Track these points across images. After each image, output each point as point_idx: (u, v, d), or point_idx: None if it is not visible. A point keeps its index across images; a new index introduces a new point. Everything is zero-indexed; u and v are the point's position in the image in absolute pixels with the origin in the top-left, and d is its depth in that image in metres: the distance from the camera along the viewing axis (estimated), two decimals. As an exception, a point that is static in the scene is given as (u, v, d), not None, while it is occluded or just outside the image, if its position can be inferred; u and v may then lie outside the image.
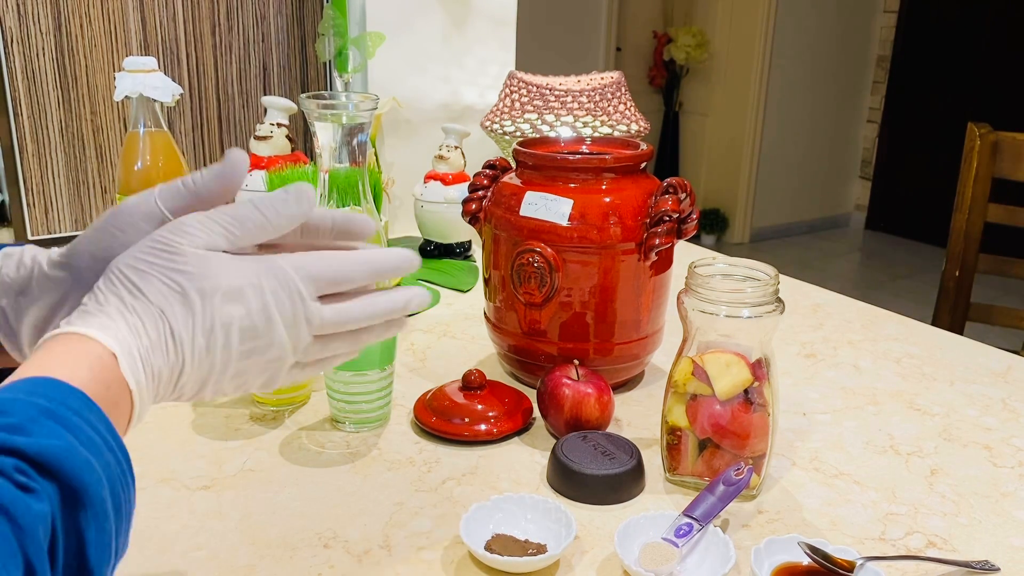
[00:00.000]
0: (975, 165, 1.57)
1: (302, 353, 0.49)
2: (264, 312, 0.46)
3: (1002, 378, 1.01)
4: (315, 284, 0.47)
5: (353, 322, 0.49)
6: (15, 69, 1.34)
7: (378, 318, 0.51)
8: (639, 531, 0.66)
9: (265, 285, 0.46)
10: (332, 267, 0.48)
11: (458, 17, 1.54)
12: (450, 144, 1.36)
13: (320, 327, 0.48)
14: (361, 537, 0.68)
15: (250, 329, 0.46)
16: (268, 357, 0.47)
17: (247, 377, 0.48)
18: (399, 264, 0.52)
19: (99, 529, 0.37)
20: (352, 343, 0.51)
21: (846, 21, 4.98)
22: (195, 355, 0.44)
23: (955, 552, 0.68)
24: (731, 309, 0.71)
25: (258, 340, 0.46)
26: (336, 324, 0.49)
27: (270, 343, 0.46)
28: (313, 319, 0.47)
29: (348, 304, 0.49)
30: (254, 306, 0.45)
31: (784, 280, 1.20)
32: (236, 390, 0.48)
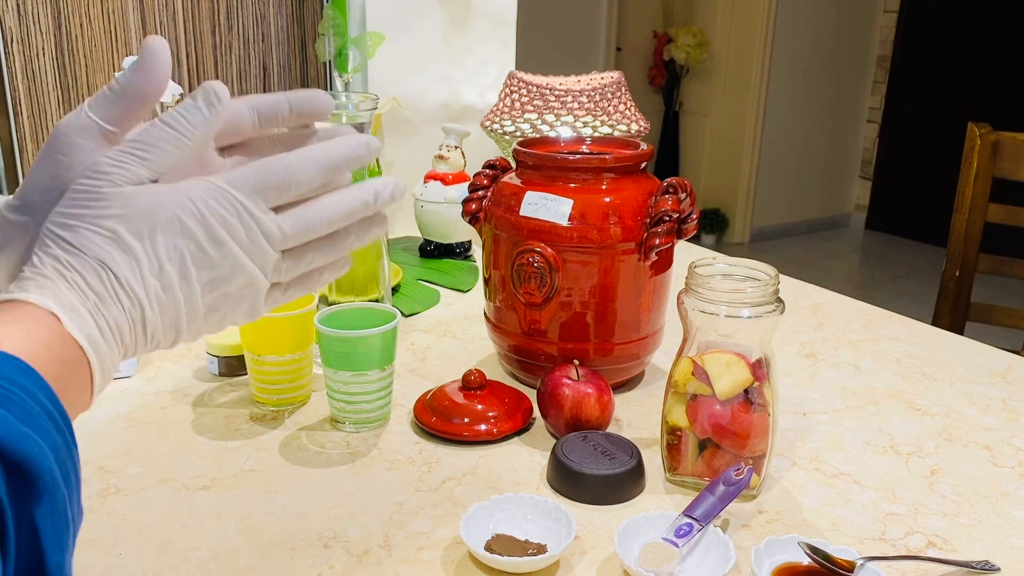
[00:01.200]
0: (975, 165, 1.57)
1: (275, 272, 0.45)
2: (211, 237, 0.43)
3: (1002, 378, 1.01)
4: (261, 195, 0.44)
5: (318, 226, 0.46)
6: (15, 69, 1.34)
7: (347, 217, 0.47)
8: (639, 531, 0.66)
9: (203, 208, 0.42)
10: (275, 172, 0.44)
11: (458, 17, 1.54)
12: (450, 144, 1.36)
13: (283, 240, 0.45)
14: (361, 537, 0.68)
15: (202, 258, 0.42)
16: (237, 284, 0.44)
17: (224, 311, 0.45)
18: (354, 151, 0.47)
19: (51, 501, 0.36)
20: (330, 251, 0.48)
21: (846, 21, 4.98)
22: (152, 299, 0.42)
23: (955, 552, 0.68)
24: (731, 309, 0.70)
25: (216, 268, 0.43)
26: (300, 233, 0.45)
27: (233, 269, 0.43)
28: (271, 233, 0.44)
29: (307, 209, 0.45)
30: (199, 233, 0.42)
31: (784, 280, 1.20)
32: (219, 325, 0.46)
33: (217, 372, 0.94)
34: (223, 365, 0.94)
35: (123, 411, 0.87)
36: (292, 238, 0.45)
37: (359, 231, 0.48)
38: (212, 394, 0.91)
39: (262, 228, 0.44)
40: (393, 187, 0.48)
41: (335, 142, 0.46)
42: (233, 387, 0.92)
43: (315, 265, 0.47)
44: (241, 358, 0.92)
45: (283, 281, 0.47)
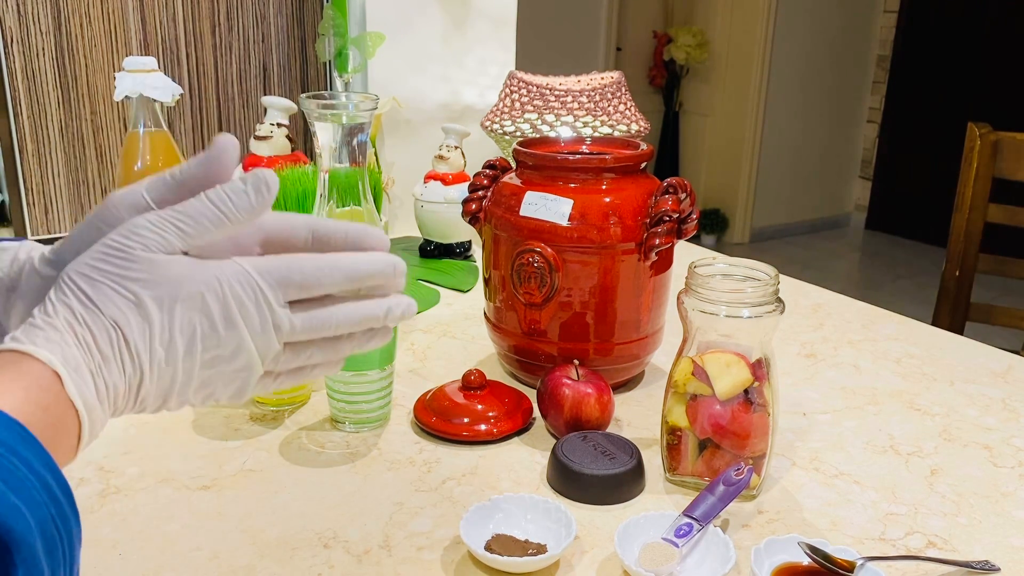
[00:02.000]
0: (975, 165, 1.57)
1: (272, 362, 0.46)
2: (227, 319, 0.43)
3: (1002, 378, 1.01)
4: (282, 289, 0.44)
5: (327, 329, 0.46)
6: (15, 69, 1.34)
7: (356, 325, 0.47)
8: (639, 531, 0.66)
9: (227, 290, 0.43)
10: (301, 271, 0.45)
11: (458, 17, 1.54)
12: (450, 144, 1.36)
13: (291, 334, 0.45)
14: (361, 537, 0.68)
15: (211, 336, 0.43)
16: (235, 367, 0.44)
17: (214, 387, 0.45)
18: (379, 269, 0.47)
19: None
20: (329, 352, 0.48)
21: (846, 21, 4.98)
22: (154, 367, 0.42)
23: (955, 552, 0.68)
24: (731, 309, 0.70)
25: (221, 349, 0.43)
26: (308, 331, 0.46)
27: (236, 351, 0.44)
28: (282, 326, 0.44)
29: (321, 311, 0.46)
30: (215, 313, 0.42)
31: (784, 280, 1.20)
32: (203, 401, 0.46)
33: (217, 372, 0.94)
34: (223, 365, 0.94)
35: (123, 411, 0.87)
36: (299, 334, 0.45)
37: (361, 339, 0.49)
38: (212, 394, 0.91)
39: (275, 319, 0.44)
40: (405, 308, 0.49)
41: (365, 256, 0.47)
42: (233, 387, 0.92)
43: (312, 361, 0.48)
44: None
45: (276, 370, 0.47)
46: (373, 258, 0.47)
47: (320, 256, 0.46)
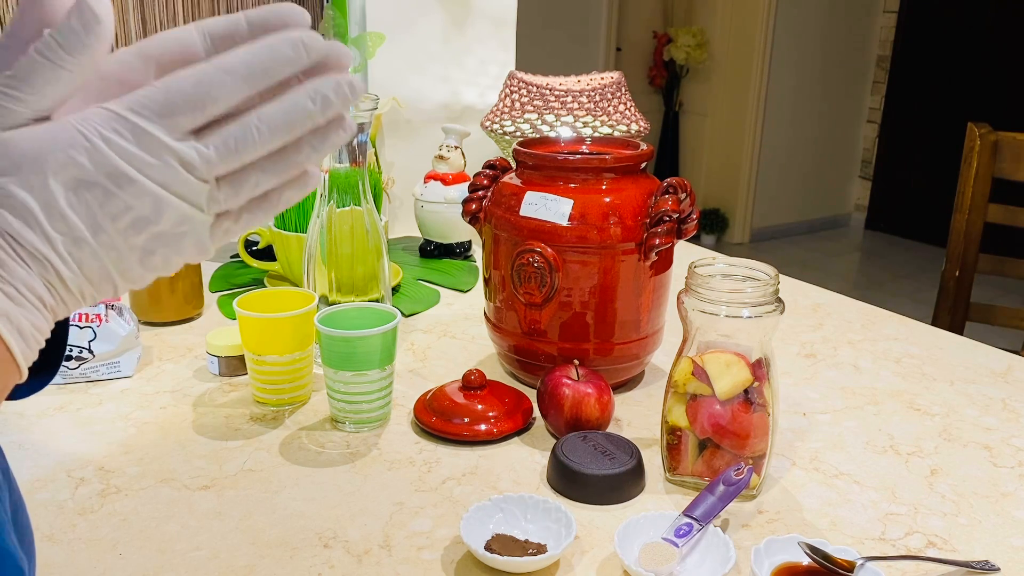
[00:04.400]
0: (975, 165, 1.57)
1: (212, 203, 0.38)
2: (116, 176, 0.36)
3: (1002, 378, 1.01)
4: (171, 118, 0.36)
5: (251, 146, 0.38)
6: (15, 69, 1.34)
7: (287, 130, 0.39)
8: (639, 531, 0.66)
9: (100, 144, 0.36)
10: (182, 90, 0.36)
11: (458, 17, 1.54)
12: (450, 144, 1.36)
13: (209, 168, 0.37)
14: (361, 537, 0.68)
15: (113, 201, 0.36)
16: (168, 223, 0.38)
17: (165, 252, 0.39)
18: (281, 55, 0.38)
19: None
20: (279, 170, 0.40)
21: (846, 21, 4.98)
22: (62, 254, 0.36)
23: (955, 552, 0.68)
24: (731, 309, 0.71)
25: (136, 210, 0.37)
26: (230, 157, 0.38)
27: (156, 208, 0.37)
28: (191, 161, 0.37)
29: (234, 127, 0.38)
30: (99, 174, 0.36)
31: (784, 280, 1.20)
32: (166, 267, 0.40)
33: (217, 372, 0.94)
34: (223, 365, 0.94)
35: (123, 411, 0.87)
36: (221, 163, 0.38)
37: (314, 141, 0.40)
38: (212, 394, 0.91)
39: (178, 157, 0.37)
40: (335, 86, 0.39)
41: (262, 45, 0.38)
42: (233, 387, 0.92)
43: (264, 188, 0.40)
44: (241, 358, 0.92)
45: (229, 209, 0.40)
46: (270, 44, 0.38)
47: (203, 65, 0.37)
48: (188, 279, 1.07)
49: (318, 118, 0.39)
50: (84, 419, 0.85)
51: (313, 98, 0.38)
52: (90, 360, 0.91)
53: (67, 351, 0.89)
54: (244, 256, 1.15)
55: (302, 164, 0.40)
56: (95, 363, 0.91)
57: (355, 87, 0.40)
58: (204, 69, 0.37)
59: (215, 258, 1.33)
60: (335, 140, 0.41)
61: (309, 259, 0.95)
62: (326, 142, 0.40)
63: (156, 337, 1.04)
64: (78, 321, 0.89)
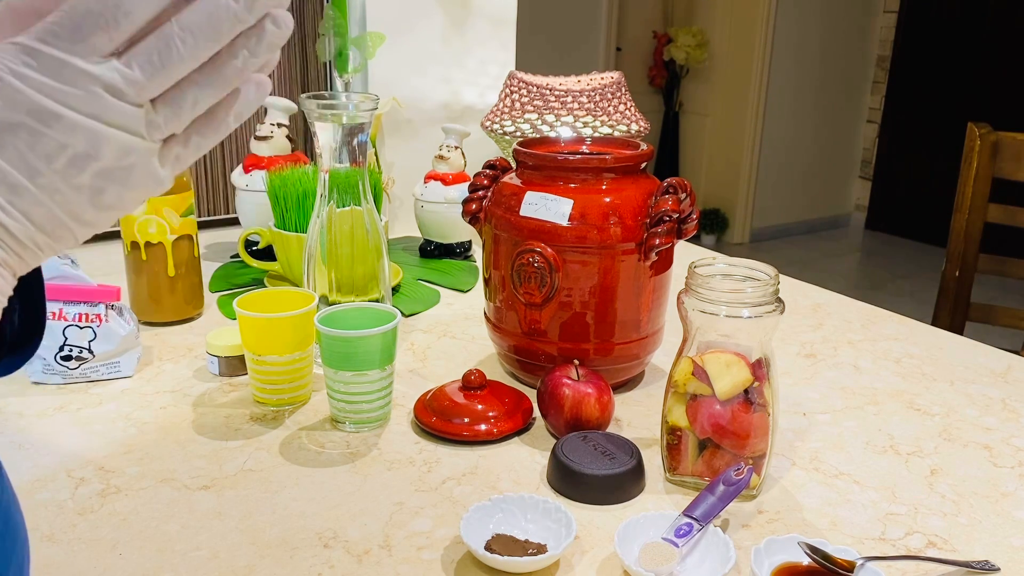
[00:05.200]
0: (975, 165, 1.57)
1: (152, 128, 0.36)
2: (38, 112, 0.34)
3: (1002, 378, 1.01)
4: (84, 42, 0.34)
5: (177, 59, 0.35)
6: (15, 69, 1.34)
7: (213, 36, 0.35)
8: (639, 531, 0.66)
9: (15, 81, 0.33)
10: (92, 7, 0.33)
11: (458, 17, 1.54)
12: (450, 144, 1.36)
13: (138, 89, 0.35)
14: (361, 537, 0.68)
15: (40, 142, 0.34)
16: (109, 157, 0.35)
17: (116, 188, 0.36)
18: None
19: None
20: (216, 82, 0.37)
21: (846, 21, 4.98)
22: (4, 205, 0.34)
23: (955, 552, 0.68)
24: (731, 309, 0.71)
25: (70, 148, 0.34)
26: (157, 74, 0.35)
27: (91, 142, 0.35)
28: (115, 83, 0.34)
29: (152, 39, 0.35)
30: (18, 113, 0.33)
31: (784, 280, 1.20)
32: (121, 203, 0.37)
33: (217, 372, 0.94)
34: (223, 365, 0.94)
35: (123, 411, 0.87)
36: (149, 83, 0.35)
37: (248, 44, 0.36)
38: (212, 394, 0.91)
39: (103, 81, 0.34)
40: None
41: None
42: (233, 387, 0.92)
43: (205, 105, 0.37)
44: (241, 358, 0.92)
45: (176, 132, 0.37)
46: None
47: None
48: (188, 279, 1.07)
49: (244, 16, 0.35)
50: (84, 419, 0.85)
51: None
52: (90, 360, 0.91)
53: (67, 350, 0.89)
54: (244, 256, 1.15)
55: (242, 71, 0.37)
56: (95, 363, 0.91)
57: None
58: None
59: (215, 258, 1.33)
60: (271, 38, 0.37)
61: (309, 259, 0.95)
62: (261, 42, 0.37)
63: (156, 337, 1.04)
64: (78, 321, 0.89)
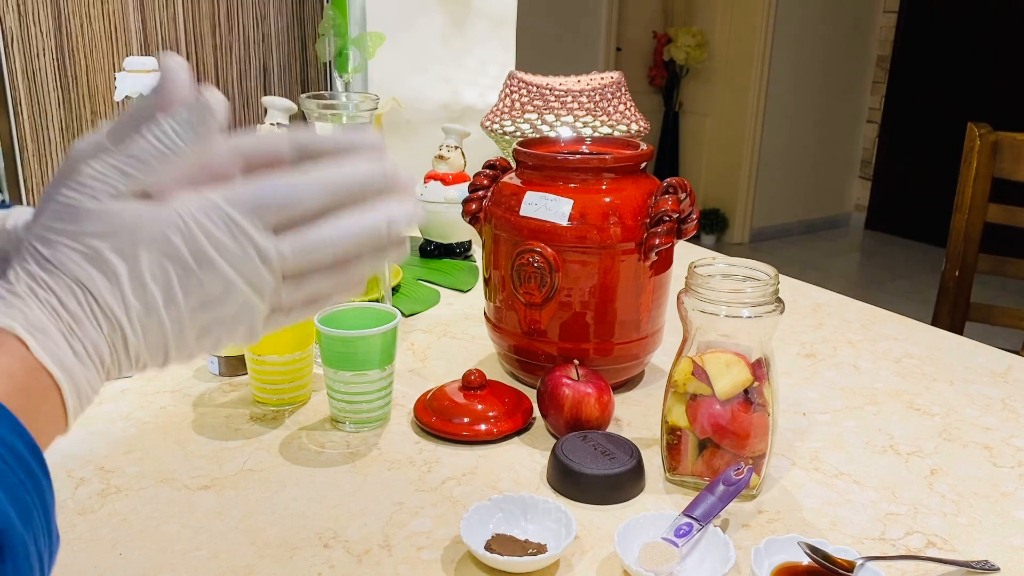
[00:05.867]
0: (975, 165, 1.57)
1: (275, 297, 0.42)
2: (200, 257, 0.39)
3: (1002, 378, 1.01)
4: (259, 215, 0.40)
5: (323, 252, 0.41)
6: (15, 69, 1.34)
7: (356, 244, 0.42)
8: (639, 531, 0.66)
9: (193, 226, 0.39)
10: (275, 191, 0.40)
11: (458, 17, 1.54)
12: (450, 144, 1.36)
13: (282, 264, 0.41)
14: (361, 537, 0.68)
15: (189, 279, 0.39)
16: (231, 308, 0.40)
17: (219, 334, 0.41)
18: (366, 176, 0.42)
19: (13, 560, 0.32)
20: (336, 277, 0.43)
21: (846, 21, 4.98)
22: (133, 320, 0.39)
23: (955, 552, 0.68)
24: (731, 309, 0.71)
25: (207, 291, 0.39)
26: (302, 258, 0.41)
27: (225, 292, 0.40)
28: (268, 255, 0.40)
29: (311, 233, 0.41)
30: (186, 252, 0.39)
31: (784, 280, 1.20)
32: (214, 348, 0.42)
33: (217, 372, 0.94)
34: (223, 365, 0.94)
35: (123, 411, 0.87)
36: (292, 262, 0.41)
37: (372, 257, 0.44)
38: (212, 394, 0.91)
39: (258, 250, 0.40)
40: (406, 213, 0.43)
41: (349, 165, 0.42)
42: (233, 387, 0.92)
43: (321, 292, 0.44)
44: (241, 358, 0.92)
45: (283, 306, 0.43)
46: (358, 169, 0.42)
47: (297, 172, 0.41)
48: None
49: (383, 238, 0.43)
50: (84, 419, 0.85)
51: (384, 221, 0.42)
52: (90, 360, 0.91)
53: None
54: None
55: (356, 276, 0.44)
56: (95, 363, 0.91)
57: (420, 217, 0.44)
58: (298, 177, 0.41)
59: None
60: (391, 259, 0.45)
61: (309, 259, 0.95)
62: (382, 259, 0.44)
63: (156, 337, 1.04)
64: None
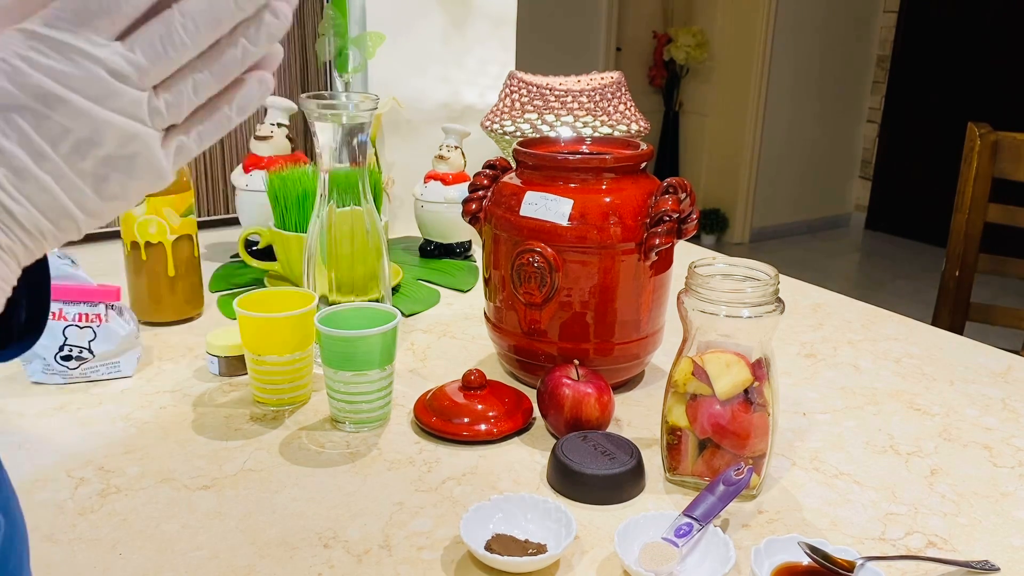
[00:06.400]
0: (975, 165, 1.57)
1: (155, 116, 0.36)
2: (43, 95, 0.34)
3: (1002, 378, 1.01)
4: (89, 25, 0.34)
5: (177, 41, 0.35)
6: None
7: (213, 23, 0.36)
8: (639, 531, 0.66)
9: (22, 65, 0.33)
10: None
11: (458, 17, 1.54)
12: (450, 144, 1.36)
13: (141, 74, 0.35)
14: (361, 537, 0.68)
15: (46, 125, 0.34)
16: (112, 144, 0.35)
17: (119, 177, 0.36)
18: None
19: None
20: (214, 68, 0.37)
21: (846, 21, 4.98)
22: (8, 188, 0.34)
23: (955, 552, 0.68)
24: (731, 309, 0.71)
25: (73, 132, 0.34)
26: (157, 56, 0.35)
27: (94, 128, 0.35)
28: (121, 68, 0.34)
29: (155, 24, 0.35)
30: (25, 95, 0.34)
31: (784, 280, 1.20)
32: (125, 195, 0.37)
33: (217, 372, 0.94)
34: (223, 365, 0.94)
35: (123, 411, 0.87)
36: (152, 68, 0.35)
37: (247, 33, 0.37)
38: (212, 394, 0.91)
39: (105, 66, 0.34)
40: None
41: None
42: (233, 387, 0.92)
43: (206, 92, 0.37)
44: (241, 358, 0.92)
45: (177, 122, 0.37)
46: None
47: None
48: (188, 279, 1.07)
49: (244, 4, 0.36)
50: (84, 419, 0.85)
51: None
52: (90, 360, 0.91)
53: (67, 350, 0.89)
54: (244, 256, 1.15)
55: (242, 61, 0.38)
56: (95, 363, 0.91)
57: None
58: None
59: (215, 258, 1.33)
60: (270, 28, 0.38)
61: (309, 259, 0.95)
62: (260, 31, 0.37)
63: (156, 337, 1.04)
64: (78, 321, 0.89)
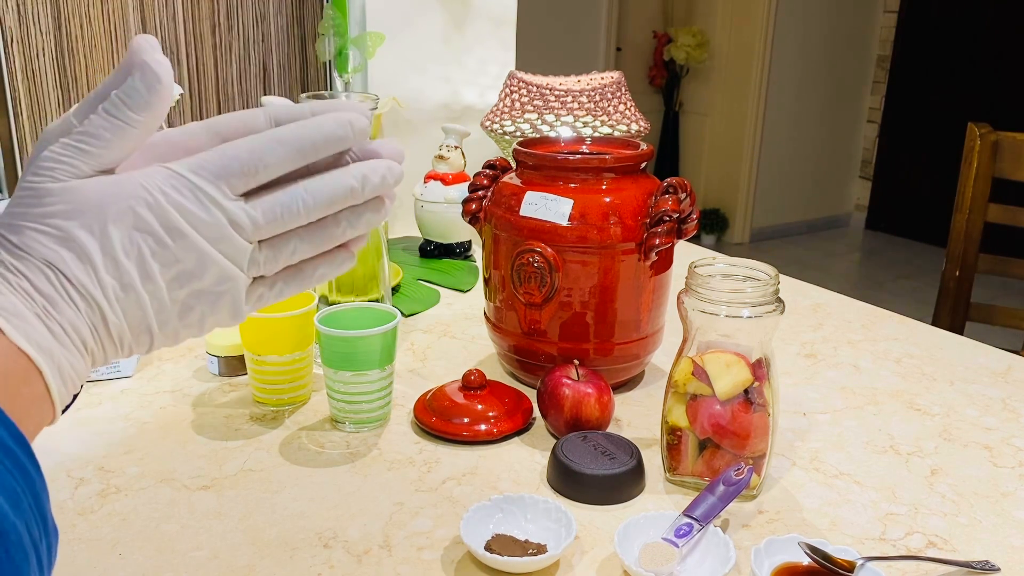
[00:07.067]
0: (975, 165, 1.57)
1: (253, 266, 0.41)
2: (170, 228, 0.39)
3: (1002, 378, 1.01)
4: (226, 180, 0.40)
5: (295, 213, 0.41)
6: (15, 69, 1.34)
7: (329, 204, 0.42)
8: (639, 531, 0.66)
9: (160, 198, 0.38)
10: (238, 156, 0.40)
11: (458, 17, 1.54)
12: (450, 144, 1.36)
13: (255, 229, 0.40)
14: (361, 537, 0.68)
15: (162, 252, 0.39)
16: (209, 280, 0.40)
17: (201, 309, 0.41)
18: (333, 132, 0.41)
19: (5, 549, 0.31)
20: (316, 240, 0.43)
21: (846, 21, 4.98)
22: (111, 298, 0.38)
23: (955, 552, 0.68)
24: (731, 309, 0.71)
25: (182, 263, 0.39)
26: (274, 221, 0.41)
27: (200, 262, 0.40)
28: (240, 221, 0.40)
29: (281, 194, 0.41)
30: (155, 224, 0.38)
31: (784, 280, 1.20)
32: (201, 326, 0.42)
33: (217, 372, 0.94)
34: (223, 365, 0.94)
35: (123, 411, 0.87)
36: (265, 226, 0.41)
37: (350, 218, 0.43)
38: (212, 394, 0.91)
39: (228, 216, 0.40)
40: (384, 171, 0.43)
41: (313, 121, 0.41)
42: (233, 387, 0.92)
43: (300, 256, 0.43)
44: (241, 358, 0.92)
45: (267, 275, 0.43)
46: (323, 123, 0.41)
47: (259, 135, 0.41)
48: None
49: (358, 197, 0.42)
50: (84, 419, 0.85)
51: (356, 178, 0.42)
52: (90, 360, 0.91)
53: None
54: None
55: (337, 238, 0.43)
56: (95, 363, 0.91)
57: (398, 175, 0.44)
58: (259, 138, 0.41)
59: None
60: (369, 219, 0.44)
61: (309, 259, 0.95)
62: (360, 219, 0.43)
63: (156, 337, 1.04)
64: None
